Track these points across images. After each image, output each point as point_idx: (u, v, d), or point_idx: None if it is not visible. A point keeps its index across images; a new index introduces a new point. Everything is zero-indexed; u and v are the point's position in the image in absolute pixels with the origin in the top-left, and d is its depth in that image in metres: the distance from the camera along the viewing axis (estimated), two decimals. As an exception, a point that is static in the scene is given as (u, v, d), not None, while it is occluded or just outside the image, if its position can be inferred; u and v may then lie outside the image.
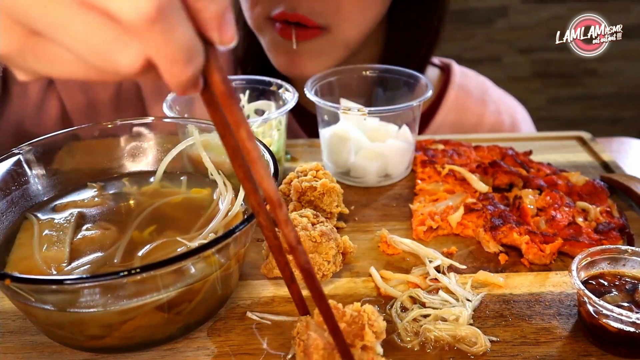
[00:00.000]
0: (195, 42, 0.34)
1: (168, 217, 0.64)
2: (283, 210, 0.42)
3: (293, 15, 0.94)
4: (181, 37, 0.32)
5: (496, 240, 0.70)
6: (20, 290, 0.49)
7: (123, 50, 0.32)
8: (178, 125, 0.74)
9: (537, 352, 0.55)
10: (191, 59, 0.33)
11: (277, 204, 0.42)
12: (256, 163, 0.40)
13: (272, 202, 0.42)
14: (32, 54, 0.34)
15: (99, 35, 0.32)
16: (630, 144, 1.11)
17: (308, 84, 0.87)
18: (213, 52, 0.35)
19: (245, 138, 0.38)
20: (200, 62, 0.34)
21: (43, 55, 0.34)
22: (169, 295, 0.51)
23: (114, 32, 0.32)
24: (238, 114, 0.38)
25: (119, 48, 0.32)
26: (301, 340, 0.50)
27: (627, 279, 0.59)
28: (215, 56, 0.35)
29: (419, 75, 0.91)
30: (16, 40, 0.34)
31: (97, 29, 0.32)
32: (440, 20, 1.10)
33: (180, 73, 0.34)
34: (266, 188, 0.41)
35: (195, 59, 0.34)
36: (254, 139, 0.39)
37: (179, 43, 0.32)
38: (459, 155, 0.88)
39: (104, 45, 0.32)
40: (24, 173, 0.65)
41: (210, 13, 0.33)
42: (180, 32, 0.32)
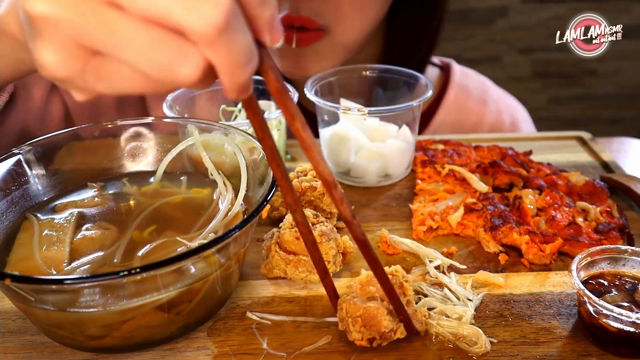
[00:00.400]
0: (253, 46, 0.35)
1: (168, 217, 0.64)
2: (338, 189, 0.46)
3: (297, 18, 0.94)
4: (243, 43, 0.34)
5: (496, 240, 0.70)
6: (20, 290, 0.49)
7: (185, 61, 0.34)
8: (178, 125, 0.74)
9: (537, 352, 0.55)
10: (250, 62, 0.35)
11: (332, 185, 0.45)
12: (312, 150, 0.42)
13: (328, 183, 0.45)
14: (93, 74, 0.35)
15: (161, 49, 0.33)
16: (630, 144, 1.11)
17: (308, 84, 0.87)
18: (265, 52, 0.38)
19: (300, 128, 0.41)
20: (256, 64, 0.36)
21: (103, 74, 0.35)
22: (169, 295, 0.51)
23: (176, 44, 0.33)
24: (292, 106, 0.41)
25: (180, 59, 0.33)
26: (357, 317, 0.53)
27: (627, 279, 0.59)
28: (268, 56, 0.38)
29: (419, 75, 0.91)
30: (78, 63, 0.35)
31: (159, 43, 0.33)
32: (440, 20, 1.10)
33: (240, 76, 0.35)
34: (322, 171, 0.44)
35: (253, 61, 0.36)
36: (308, 128, 0.42)
37: (241, 48, 0.34)
38: (459, 155, 0.88)
39: (167, 58, 0.33)
40: (24, 173, 0.65)
41: (265, 19, 0.35)
42: (242, 38, 0.34)
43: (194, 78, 0.34)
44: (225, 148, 0.69)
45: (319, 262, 0.54)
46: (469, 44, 2.69)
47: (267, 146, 0.44)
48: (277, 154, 0.45)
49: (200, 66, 0.34)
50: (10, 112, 0.96)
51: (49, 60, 0.35)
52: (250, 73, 0.36)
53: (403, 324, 0.54)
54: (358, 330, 0.53)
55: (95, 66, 0.35)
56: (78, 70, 0.35)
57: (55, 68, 0.35)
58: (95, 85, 0.36)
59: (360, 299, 0.54)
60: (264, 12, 0.35)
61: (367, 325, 0.53)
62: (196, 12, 0.32)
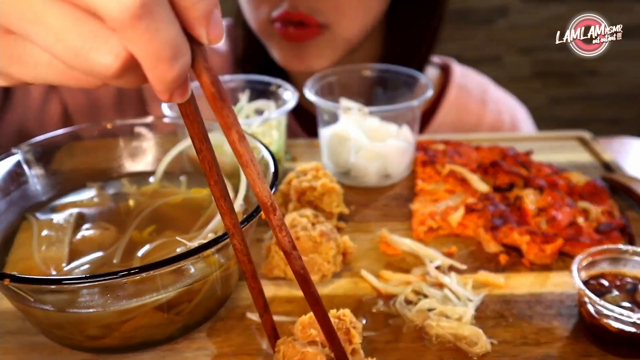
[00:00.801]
0: (181, 40, 0.32)
1: (168, 217, 0.64)
2: (277, 215, 0.41)
3: (296, 14, 0.94)
4: (167, 34, 0.31)
5: (497, 240, 0.70)
6: (20, 290, 0.49)
7: (101, 47, 0.30)
8: (178, 125, 0.74)
9: (538, 352, 0.55)
10: (177, 56, 0.32)
11: (270, 208, 0.40)
12: (247, 166, 0.38)
13: (265, 206, 0.40)
14: (5, 55, 0.33)
15: (75, 30, 0.30)
16: (631, 143, 1.11)
17: (308, 84, 0.87)
18: (201, 51, 0.34)
19: (237, 140, 0.36)
20: (187, 61, 0.33)
21: (16, 56, 0.33)
22: (168, 295, 0.51)
23: (91, 27, 0.30)
24: (229, 116, 0.36)
25: (96, 45, 0.30)
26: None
27: (628, 279, 0.59)
28: (203, 56, 0.34)
29: (419, 75, 0.91)
30: None
31: (73, 23, 0.30)
32: (440, 20, 1.09)
33: (165, 72, 0.32)
34: (258, 192, 0.39)
35: (181, 56, 0.32)
36: (246, 141, 0.37)
37: (165, 40, 0.31)
38: (459, 155, 0.87)
39: (80, 41, 0.30)
40: (23, 173, 0.64)
41: (198, 11, 0.32)
42: (166, 29, 0.31)
43: (113, 68, 0.31)
44: (225, 148, 0.69)
45: (257, 296, 0.49)
46: (469, 43, 2.69)
47: (205, 160, 0.39)
48: (216, 170, 0.40)
49: (121, 56, 0.30)
50: (7, 111, 0.96)
51: None
52: (179, 71, 0.32)
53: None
54: None
55: (6, 46, 0.32)
56: None
57: None
58: (9, 68, 0.33)
59: (300, 342, 0.49)
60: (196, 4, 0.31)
61: None
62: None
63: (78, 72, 0.32)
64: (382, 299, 0.62)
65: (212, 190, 0.41)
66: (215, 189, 0.41)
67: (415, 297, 0.61)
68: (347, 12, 0.95)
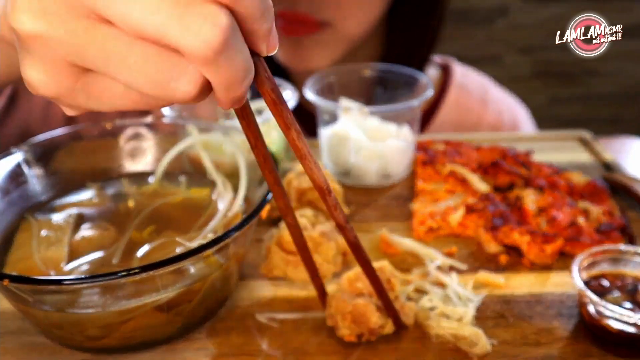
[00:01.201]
0: (250, 62, 0.34)
1: (167, 217, 0.64)
2: (332, 196, 0.47)
3: (295, 13, 0.94)
4: (240, 61, 0.32)
5: (497, 240, 0.70)
6: (19, 290, 0.48)
7: (180, 78, 0.32)
8: (178, 125, 0.74)
9: (538, 352, 0.55)
10: (247, 76, 0.34)
11: (326, 191, 0.46)
12: (305, 158, 0.43)
13: (322, 190, 0.46)
14: (83, 92, 0.34)
15: (156, 65, 0.31)
16: (631, 143, 1.11)
17: (308, 84, 0.87)
18: (261, 62, 0.36)
19: (296, 138, 0.41)
20: (252, 77, 0.35)
21: (95, 92, 0.34)
22: (168, 295, 0.51)
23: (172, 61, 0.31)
24: (288, 117, 0.40)
25: (176, 76, 0.32)
26: (346, 313, 0.54)
27: (629, 280, 0.59)
28: (263, 67, 0.36)
29: (419, 75, 0.91)
30: (68, 82, 0.33)
31: (154, 60, 0.31)
32: (441, 20, 1.09)
33: (236, 92, 0.34)
34: (316, 178, 0.45)
35: (249, 76, 0.34)
36: (303, 137, 0.42)
37: (239, 66, 0.32)
38: (459, 155, 0.87)
39: (162, 75, 0.31)
40: (23, 173, 0.64)
41: (263, 32, 0.34)
42: (240, 56, 0.32)
43: (191, 95, 0.33)
44: (224, 148, 0.69)
45: (309, 262, 0.55)
46: (469, 43, 2.69)
47: (259, 153, 0.44)
48: (269, 161, 0.45)
49: (198, 83, 0.32)
50: (12, 112, 0.96)
51: (36, 78, 0.33)
52: (247, 87, 0.35)
53: (392, 320, 0.55)
54: (347, 326, 0.54)
55: (86, 84, 0.33)
56: (67, 89, 0.33)
57: (43, 87, 0.33)
58: (86, 103, 0.35)
59: (348, 295, 0.55)
60: (262, 26, 0.33)
61: (357, 322, 0.54)
62: (193, 33, 0.30)
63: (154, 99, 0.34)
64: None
65: (267, 178, 0.47)
66: (270, 176, 0.47)
67: (416, 295, 0.61)
68: (350, 9, 0.95)
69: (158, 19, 0.30)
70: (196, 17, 0.30)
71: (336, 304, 0.55)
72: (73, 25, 0.31)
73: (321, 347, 0.56)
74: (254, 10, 0.32)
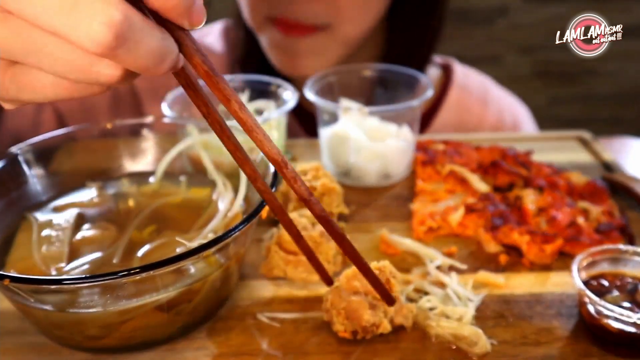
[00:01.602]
0: (164, 44, 0.34)
1: (167, 217, 0.64)
2: (289, 167, 0.44)
3: (291, 20, 0.94)
4: (148, 47, 0.32)
5: (497, 240, 0.70)
6: (19, 290, 0.49)
7: (100, 62, 0.32)
8: (177, 125, 0.74)
9: (538, 352, 0.55)
10: (163, 59, 0.34)
11: (282, 163, 0.43)
12: (254, 131, 0.41)
13: (277, 162, 0.43)
14: (14, 83, 0.34)
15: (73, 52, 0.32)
16: (631, 143, 1.11)
17: (308, 84, 0.87)
18: (187, 35, 0.36)
19: (238, 110, 0.39)
20: (175, 55, 0.35)
21: (25, 83, 0.34)
22: (168, 295, 0.51)
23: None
24: (226, 88, 0.38)
25: (97, 61, 0.32)
26: (341, 309, 0.54)
27: (628, 279, 0.59)
28: (190, 40, 0.36)
29: (419, 75, 0.91)
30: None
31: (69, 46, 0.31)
32: (441, 20, 1.09)
33: (158, 70, 0.34)
34: (267, 151, 0.42)
35: (167, 56, 0.34)
36: (246, 108, 0.40)
37: (148, 51, 0.32)
38: (459, 155, 0.87)
39: (81, 61, 0.32)
40: (23, 173, 0.64)
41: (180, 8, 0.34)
42: (146, 45, 0.32)
43: (116, 77, 0.33)
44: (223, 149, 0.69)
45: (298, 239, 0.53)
46: (469, 43, 2.69)
47: (214, 121, 0.42)
48: (226, 127, 0.43)
49: (118, 66, 0.33)
50: (2, 122, 0.96)
51: None
52: (170, 64, 0.34)
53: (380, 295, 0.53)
54: (341, 322, 0.54)
55: (15, 75, 0.34)
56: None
57: None
58: (19, 94, 0.35)
59: (345, 291, 0.55)
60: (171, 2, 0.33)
61: (350, 318, 0.54)
62: (82, 32, 0.30)
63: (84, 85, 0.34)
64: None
65: (226, 145, 0.44)
66: (229, 143, 0.44)
67: (416, 295, 0.61)
68: (347, 13, 0.95)
69: (47, 14, 0.30)
70: (84, 14, 0.30)
71: (332, 298, 0.55)
72: None
73: (321, 346, 0.56)
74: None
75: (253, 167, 0.47)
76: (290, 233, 0.52)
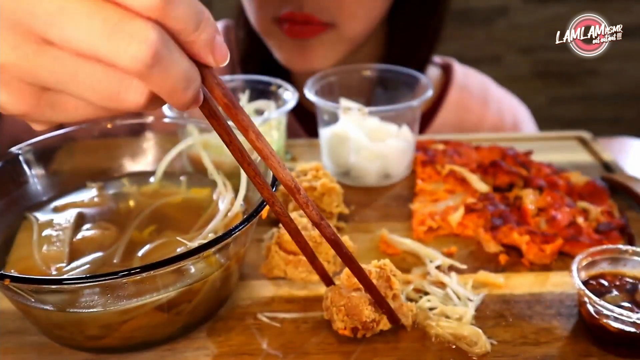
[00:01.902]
0: (191, 70, 0.36)
1: (168, 217, 0.64)
2: (302, 194, 0.47)
3: (300, 14, 0.94)
4: (177, 71, 0.35)
5: (496, 240, 0.70)
6: (20, 290, 0.49)
7: (128, 91, 0.35)
8: (178, 125, 0.74)
9: (538, 352, 0.55)
10: (189, 85, 0.36)
11: (295, 190, 0.47)
12: (268, 158, 0.44)
13: (290, 189, 0.46)
14: (48, 107, 0.37)
15: (104, 82, 0.34)
16: (631, 144, 1.11)
17: (308, 83, 0.87)
18: (210, 70, 0.38)
19: (255, 139, 0.42)
20: (198, 84, 0.37)
21: (58, 106, 0.37)
22: (168, 295, 0.51)
23: (117, 76, 0.34)
24: (244, 119, 0.41)
25: (123, 89, 0.35)
26: (341, 306, 0.54)
27: (628, 279, 0.59)
28: (212, 74, 0.38)
29: (419, 75, 0.91)
30: (31, 99, 0.36)
31: (101, 77, 0.34)
32: (442, 20, 1.09)
33: (181, 98, 0.36)
34: (282, 178, 0.46)
35: (192, 84, 0.36)
36: (263, 137, 0.43)
37: (176, 76, 0.35)
38: (459, 155, 0.87)
39: (110, 89, 0.34)
40: (24, 173, 0.65)
41: (202, 42, 0.36)
42: (176, 67, 0.35)
43: (140, 104, 0.35)
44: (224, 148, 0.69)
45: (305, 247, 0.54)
46: (469, 43, 2.69)
47: (235, 149, 0.45)
48: (246, 154, 0.46)
49: (144, 93, 0.35)
50: None
51: (2, 100, 0.36)
52: (192, 94, 0.37)
53: (386, 316, 0.55)
54: (341, 319, 0.54)
55: (49, 100, 0.36)
56: (32, 106, 0.36)
57: (10, 107, 0.36)
58: (53, 116, 0.38)
59: (345, 289, 0.55)
60: (199, 36, 0.36)
61: (350, 315, 0.54)
62: (122, 50, 0.32)
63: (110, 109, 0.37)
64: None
65: (246, 171, 0.47)
66: (249, 169, 0.47)
67: (416, 295, 0.62)
68: (353, 10, 0.95)
69: (90, 38, 0.32)
70: (124, 35, 0.32)
71: (332, 296, 0.55)
72: (23, 50, 0.33)
73: (321, 346, 0.56)
74: (186, 23, 0.35)
75: (271, 192, 0.50)
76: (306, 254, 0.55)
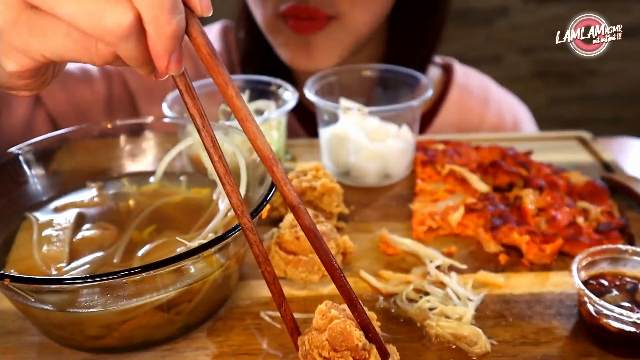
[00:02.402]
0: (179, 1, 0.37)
1: (168, 217, 0.64)
2: (279, 167, 0.41)
3: (305, 8, 0.94)
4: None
5: (496, 240, 0.70)
6: (20, 290, 0.49)
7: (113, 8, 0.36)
8: (177, 125, 0.74)
9: (538, 352, 0.55)
10: (175, 10, 0.37)
11: (272, 161, 0.40)
12: (247, 120, 0.39)
13: (267, 159, 0.40)
14: (26, 27, 0.38)
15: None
16: (630, 144, 1.11)
17: (308, 83, 0.87)
18: (194, 17, 0.38)
19: (234, 96, 0.39)
20: (183, 19, 0.38)
21: (38, 26, 0.38)
22: (168, 295, 0.51)
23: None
24: (224, 73, 0.39)
25: (109, 6, 0.36)
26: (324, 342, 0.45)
27: (628, 279, 0.59)
28: (197, 22, 0.39)
29: (419, 75, 0.91)
30: (13, 13, 0.37)
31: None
32: (442, 20, 1.09)
33: (165, 24, 0.37)
34: (259, 146, 0.40)
35: (179, 12, 0.37)
36: (241, 97, 0.39)
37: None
38: (459, 155, 0.87)
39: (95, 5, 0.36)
40: (24, 173, 0.65)
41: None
42: None
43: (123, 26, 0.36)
44: (224, 148, 0.69)
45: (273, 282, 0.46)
46: (469, 43, 2.69)
47: (207, 135, 0.42)
48: (218, 146, 0.42)
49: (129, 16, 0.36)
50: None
51: None
52: (177, 25, 0.37)
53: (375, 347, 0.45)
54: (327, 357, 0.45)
55: (29, 19, 0.37)
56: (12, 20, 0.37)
57: None
58: (29, 39, 0.38)
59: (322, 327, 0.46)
60: None
61: (337, 346, 0.44)
62: None
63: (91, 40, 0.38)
64: (382, 296, 0.62)
65: (216, 167, 0.42)
66: (219, 165, 0.42)
67: (416, 295, 0.62)
68: (358, 3, 0.94)
69: None
70: None
71: (309, 338, 0.46)
72: None
73: (321, 346, 0.56)
74: None
75: (241, 199, 0.43)
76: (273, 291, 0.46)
